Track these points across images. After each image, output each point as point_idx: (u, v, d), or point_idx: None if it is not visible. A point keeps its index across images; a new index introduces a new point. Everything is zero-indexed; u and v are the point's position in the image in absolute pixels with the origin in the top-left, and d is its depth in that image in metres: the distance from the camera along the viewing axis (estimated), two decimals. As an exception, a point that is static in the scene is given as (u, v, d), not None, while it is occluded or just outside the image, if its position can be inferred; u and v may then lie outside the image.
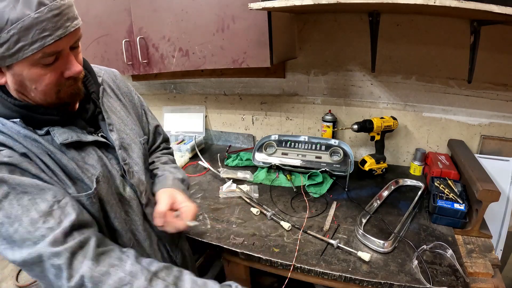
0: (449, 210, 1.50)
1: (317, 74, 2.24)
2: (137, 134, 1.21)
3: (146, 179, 1.19)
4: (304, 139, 2.19)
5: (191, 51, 1.89)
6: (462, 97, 1.93)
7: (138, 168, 1.15)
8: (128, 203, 1.08)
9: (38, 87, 0.84)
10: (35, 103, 0.90)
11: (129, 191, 1.09)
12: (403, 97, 2.08)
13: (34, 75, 0.82)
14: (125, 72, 2.15)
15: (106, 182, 0.99)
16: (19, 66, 0.80)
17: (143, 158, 1.20)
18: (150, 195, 1.20)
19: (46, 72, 0.83)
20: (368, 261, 1.30)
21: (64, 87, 0.89)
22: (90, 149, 0.99)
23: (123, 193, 1.07)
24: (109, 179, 1.02)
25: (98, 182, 0.95)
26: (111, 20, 2.03)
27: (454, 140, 2.02)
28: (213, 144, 2.89)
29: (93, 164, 0.97)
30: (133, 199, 1.10)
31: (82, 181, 0.93)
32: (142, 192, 1.13)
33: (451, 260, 1.31)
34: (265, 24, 1.65)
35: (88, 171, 0.95)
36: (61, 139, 0.90)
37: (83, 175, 0.93)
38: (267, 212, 1.66)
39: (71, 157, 0.93)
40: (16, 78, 0.82)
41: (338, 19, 2.03)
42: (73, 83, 0.91)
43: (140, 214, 1.11)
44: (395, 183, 1.93)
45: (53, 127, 0.91)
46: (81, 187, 0.93)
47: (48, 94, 0.87)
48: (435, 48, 1.88)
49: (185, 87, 2.79)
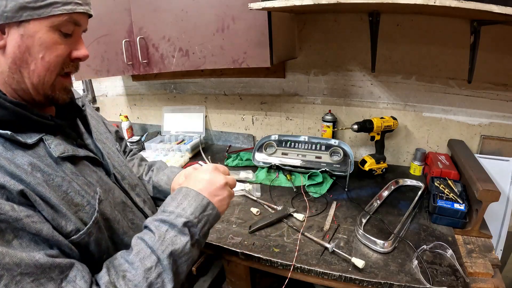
0: (449, 210, 1.50)
1: (317, 74, 2.24)
2: (111, 142, 1.16)
3: (136, 181, 1.17)
4: (304, 139, 2.19)
5: (191, 51, 1.89)
6: (462, 97, 1.93)
7: (125, 174, 1.10)
8: (131, 209, 1.03)
9: (46, 57, 0.75)
10: (20, 94, 0.78)
11: (127, 197, 1.05)
12: (403, 97, 2.08)
13: (50, 41, 0.74)
14: (125, 72, 2.15)
15: (108, 198, 0.92)
16: (36, 25, 0.71)
17: (125, 163, 1.15)
18: (147, 197, 1.20)
19: (61, 42, 0.77)
20: (362, 268, 1.29)
21: (66, 70, 0.81)
22: (83, 162, 0.90)
23: (125, 201, 1.02)
24: (108, 193, 0.94)
25: (101, 201, 0.87)
26: (111, 20, 2.03)
27: (454, 140, 2.02)
28: (213, 144, 2.89)
29: (91, 181, 0.88)
30: (133, 204, 1.07)
31: (85, 205, 0.82)
32: (139, 195, 1.12)
33: (451, 260, 1.31)
34: (265, 24, 1.65)
35: (88, 192, 0.84)
36: (58, 151, 0.80)
37: (84, 198, 0.82)
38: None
39: (70, 175, 0.82)
40: (25, 40, 0.71)
41: (338, 19, 2.03)
42: (74, 70, 0.85)
43: (143, 218, 1.07)
44: (395, 183, 1.93)
45: (46, 136, 0.80)
46: (84, 213, 0.81)
47: (49, 72, 0.77)
48: (435, 48, 1.88)
49: (185, 87, 2.79)
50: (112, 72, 2.23)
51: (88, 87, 3.28)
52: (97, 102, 3.42)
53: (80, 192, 0.82)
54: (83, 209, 0.81)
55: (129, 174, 1.13)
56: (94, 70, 2.25)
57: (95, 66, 2.23)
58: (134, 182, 1.14)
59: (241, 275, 1.62)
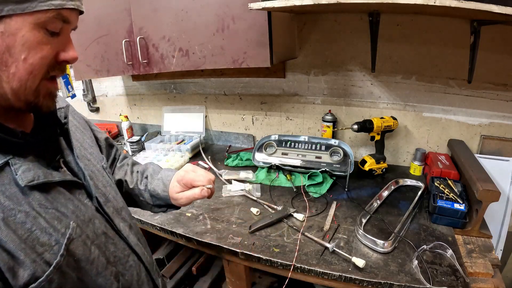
0: (449, 210, 1.50)
1: (317, 74, 2.24)
2: (97, 158, 1.01)
3: (122, 203, 1.03)
4: (304, 139, 2.19)
5: (191, 51, 1.89)
6: (462, 97, 1.93)
7: (109, 196, 0.95)
8: (113, 241, 0.88)
9: (30, 58, 0.64)
10: None
11: (109, 226, 0.90)
12: (403, 97, 2.08)
13: (34, 40, 0.64)
14: (125, 72, 2.15)
15: (85, 232, 0.78)
16: (19, 22, 0.61)
17: (110, 183, 1.01)
18: (133, 221, 1.06)
19: (48, 41, 0.66)
20: (362, 268, 1.29)
21: (52, 73, 0.71)
22: (58, 189, 0.76)
23: (107, 231, 0.87)
24: (88, 225, 0.80)
25: (72, 240, 0.73)
26: (111, 20, 2.03)
27: (454, 140, 2.02)
28: (213, 144, 2.89)
29: (65, 212, 0.74)
30: (116, 233, 0.92)
31: (53, 244, 0.69)
32: (124, 219, 0.99)
33: (451, 260, 1.31)
34: (265, 24, 1.65)
35: (58, 229, 0.71)
36: (26, 179, 0.67)
37: (52, 237, 0.69)
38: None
39: (38, 207, 0.69)
40: (5, 39, 0.61)
41: (338, 19, 2.03)
42: (60, 73, 0.73)
43: (126, 249, 0.93)
44: (395, 183, 1.93)
45: (13, 157, 0.68)
46: (52, 254, 0.68)
47: (32, 76, 0.66)
48: (435, 48, 1.88)
49: (185, 87, 2.80)
50: (112, 72, 2.23)
51: (88, 87, 3.28)
52: (97, 102, 3.42)
53: (47, 229, 0.69)
54: (51, 249, 0.68)
55: (114, 196, 0.98)
56: (94, 70, 2.25)
57: (95, 66, 2.23)
58: (119, 205, 1.00)
59: (241, 275, 1.62)
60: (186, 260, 2.13)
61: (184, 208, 1.79)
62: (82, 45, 2.18)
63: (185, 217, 1.74)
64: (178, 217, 1.74)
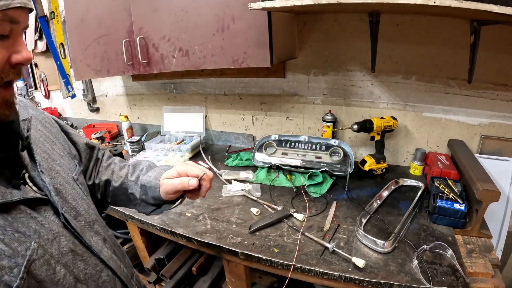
0: (449, 210, 1.50)
1: (317, 74, 2.24)
2: (67, 169, 0.94)
3: (94, 216, 0.96)
4: (304, 139, 2.20)
5: (191, 51, 1.89)
6: (462, 97, 1.93)
7: (80, 209, 0.90)
8: (82, 257, 0.83)
9: None
10: None
11: (79, 242, 0.84)
12: (403, 97, 2.08)
13: None
14: (125, 72, 2.15)
15: (49, 251, 0.74)
16: None
17: (82, 195, 0.94)
18: (107, 233, 1.00)
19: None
20: (362, 268, 1.29)
21: (5, 78, 0.67)
22: (19, 208, 0.72)
23: (74, 248, 0.81)
24: (52, 243, 0.76)
25: (33, 262, 0.69)
26: (111, 20, 2.03)
27: (454, 140, 2.02)
28: (213, 144, 2.89)
29: (26, 232, 0.70)
30: (86, 249, 0.86)
31: (13, 267, 0.65)
32: (97, 232, 0.93)
33: (451, 260, 1.31)
34: (265, 24, 1.65)
35: (18, 251, 0.67)
36: None
37: (12, 259, 0.65)
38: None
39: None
40: None
41: (338, 19, 2.03)
42: (16, 77, 0.69)
43: (98, 264, 0.88)
44: (395, 183, 1.93)
45: None
46: (12, 277, 0.64)
47: None
48: (435, 48, 1.88)
49: (185, 87, 2.80)
50: (112, 72, 2.23)
51: (88, 87, 3.29)
52: (97, 102, 3.43)
53: (6, 252, 0.65)
54: (11, 272, 0.64)
55: (86, 209, 0.92)
56: (94, 70, 2.25)
57: (95, 66, 2.23)
58: (91, 217, 0.94)
59: (241, 275, 1.62)
60: (186, 260, 2.13)
61: (184, 208, 1.80)
62: (82, 45, 2.18)
63: (185, 217, 1.74)
64: (178, 217, 1.74)
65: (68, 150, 1.04)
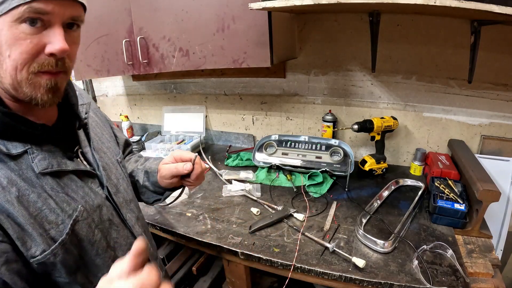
0: (449, 210, 1.50)
1: (318, 74, 2.24)
2: (113, 152, 1.10)
3: (131, 196, 1.11)
4: (304, 139, 2.19)
5: (191, 51, 1.89)
6: (463, 97, 1.93)
7: (120, 187, 1.04)
8: (117, 228, 0.97)
9: (12, 54, 0.68)
10: (10, 95, 0.75)
11: (116, 214, 0.98)
12: (403, 97, 2.08)
13: (12, 37, 0.67)
14: (125, 72, 2.15)
15: (91, 216, 0.86)
16: (1, 23, 0.66)
17: (123, 176, 1.09)
18: (141, 214, 1.15)
19: (26, 37, 0.68)
20: (362, 268, 1.29)
21: (41, 68, 0.72)
22: (70, 176, 0.85)
23: (112, 218, 0.95)
24: (95, 211, 0.89)
25: (77, 222, 0.82)
26: (112, 20, 2.03)
27: (454, 140, 2.02)
28: (213, 144, 2.89)
29: (74, 197, 0.83)
30: (121, 221, 1.00)
31: (59, 223, 0.78)
32: (132, 210, 1.07)
33: (451, 260, 1.31)
34: (265, 24, 1.65)
35: (66, 210, 0.80)
36: (41, 167, 0.77)
37: (59, 217, 0.78)
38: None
39: (49, 191, 0.78)
40: None
41: (339, 19, 2.03)
42: (52, 68, 0.73)
43: (129, 237, 1.01)
44: (395, 183, 1.93)
45: (32, 147, 0.77)
46: (57, 231, 0.78)
47: (20, 71, 0.70)
48: (435, 48, 1.88)
49: (185, 87, 2.80)
50: (112, 72, 2.23)
51: (89, 87, 3.28)
52: (97, 102, 3.42)
53: (56, 210, 0.78)
54: (57, 227, 0.77)
55: (125, 188, 1.07)
56: (94, 70, 2.25)
57: (95, 66, 2.23)
58: (129, 196, 1.08)
59: (241, 275, 1.62)
60: (186, 260, 2.13)
61: (184, 208, 1.80)
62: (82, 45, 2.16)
63: (185, 217, 1.74)
64: (178, 217, 1.74)
65: (113, 138, 1.21)
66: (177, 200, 1.35)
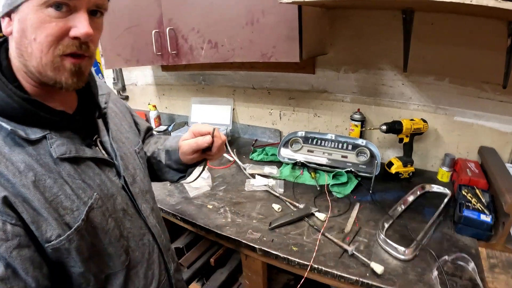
0: (474, 221, 1.44)
1: (347, 71, 2.20)
2: (131, 143, 1.11)
3: (148, 187, 1.13)
4: (331, 137, 2.17)
5: (220, 44, 1.89)
6: (496, 103, 1.85)
7: (137, 178, 1.05)
8: (131, 218, 0.98)
9: (38, 37, 0.71)
10: (33, 79, 0.77)
11: (131, 204, 0.99)
12: (435, 99, 2.01)
13: (38, 21, 0.70)
14: (154, 62, 2.18)
15: (105, 205, 0.88)
16: (27, 7, 0.69)
17: (140, 167, 1.10)
18: (156, 205, 1.17)
19: (51, 20, 0.70)
20: (380, 274, 1.26)
21: (66, 50, 0.74)
22: (88, 163, 0.86)
23: (126, 208, 0.96)
24: (109, 199, 0.90)
25: (92, 209, 0.83)
26: (141, 11, 2.06)
27: (485, 147, 1.95)
28: (239, 137, 2.90)
29: (91, 184, 0.84)
30: (136, 212, 1.01)
31: (74, 210, 0.79)
32: (148, 201, 1.08)
33: (472, 273, 1.26)
34: (295, 18, 1.63)
35: (81, 197, 0.81)
36: (59, 152, 0.78)
37: (74, 203, 0.79)
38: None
39: (66, 177, 0.79)
40: (20, 24, 0.71)
41: (371, 15, 1.98)
42: (76, 49, 0.76)
43: (143, 228, 1.03)
44: (421, 188, 1.88)
45: (51, 133, 0.79)
46: (72, 218, 0.79)
47: (43, 54, 0.72)
48: (469, 50, 1.81)
49: (213, 79, 2.80)
50: (141, 62, 2.26)
51: (118, 76, 3.34)
52: (127, 91, 3.48)
53: (71, 196, 0.79)
54: (71, 213, 0.78)
55: (141, 179, 1.07)
56: (124, 59, 2.28)
57: (125, 55, 2.26)
58: (145, 187, 1.09)
59: (258, 270, 1.62)
60: (205, 251, 2.15)
61: (206, 199, 1.82)
62: (112, 34, 2.21)
63: (207, 209, 1.75)
64: (199, 209, 1.76)
65: (133, 128, 1.22)
66: (201, 174, 1.34)
